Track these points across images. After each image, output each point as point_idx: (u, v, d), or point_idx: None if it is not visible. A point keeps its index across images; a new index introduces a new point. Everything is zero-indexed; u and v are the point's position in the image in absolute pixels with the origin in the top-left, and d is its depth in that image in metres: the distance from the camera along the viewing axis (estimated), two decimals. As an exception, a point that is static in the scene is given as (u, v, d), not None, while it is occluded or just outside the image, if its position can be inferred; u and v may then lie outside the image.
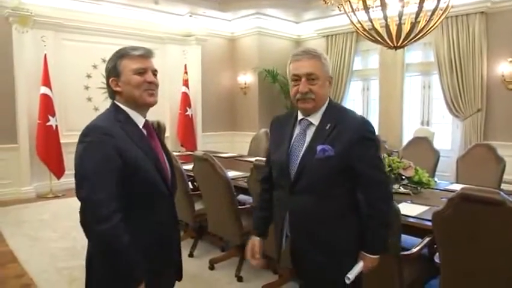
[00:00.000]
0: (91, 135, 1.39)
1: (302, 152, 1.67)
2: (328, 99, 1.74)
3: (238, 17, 8.21)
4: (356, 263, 1.66)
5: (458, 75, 6.29)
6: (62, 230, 4.64)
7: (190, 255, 3.81)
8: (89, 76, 6.91)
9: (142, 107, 1.54)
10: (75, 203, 5.10)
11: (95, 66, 6.83)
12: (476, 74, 6.12)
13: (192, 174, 3.85)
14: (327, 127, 1.65)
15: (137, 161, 1.42)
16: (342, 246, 1.67)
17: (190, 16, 7.82)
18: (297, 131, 1.74)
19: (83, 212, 1.38)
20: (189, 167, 3.97)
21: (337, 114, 1.69)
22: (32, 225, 4.85)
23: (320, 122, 1.69)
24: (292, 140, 1.73)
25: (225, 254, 3.76)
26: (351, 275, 1.59)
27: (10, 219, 5.07)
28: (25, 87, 6.10)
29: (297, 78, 1.67)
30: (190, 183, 4.06)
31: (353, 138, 1.60)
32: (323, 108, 1.71)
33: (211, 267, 3.54)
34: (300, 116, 1.75)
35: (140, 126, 1.53)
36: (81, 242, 4.16)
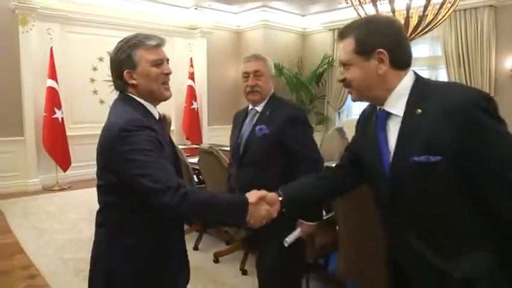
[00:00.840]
0: (136, 129, 1.30)
1: (248, 133, 2.11)
2: (271, 92, 2.15)
3: (244, 9, 8.17)
4: (295, 229, 1.94)
5: (466, 70, 6.24)
6: (68, 222, 4.68)
7: (195, 248, 3.82)
8: (95, 69, 6.92)
9: (158, 100, 1.49)
10: (81, 195, 5.12)
11: (101, 59, 6.83)
12: (484, 68, 6.07)
13: (197, 168, 3.85)
14: (267, 112, 2.07)
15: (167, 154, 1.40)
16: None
17: (196, 9, 7.80)
18: (247, 119, 2.17)
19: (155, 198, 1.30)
20: (194, 160, 3.97)
21: (276, 103, 2.11)
22: (38, 217, 4.89)
23: (262, 109, 2.11)
24: (244, 126, 2.17)
25: (230, 247, 3.77)
26: (289, 239, 1.85)
27: (17, 211, 5.11)
28: (31, 80, 6.12)
29: (247, 75, 2.10)
30: (195, 176, 4.06)
31: (285, 120, 2.00)
32: (267, 99, 2.12)
33: (216, 261, 3.55)
34: (250, 107, 2.18)
35: (157, 118, 1.49)
36: (87, 233, 4.19)
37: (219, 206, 1.35)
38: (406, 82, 1.23)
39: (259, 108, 2.11)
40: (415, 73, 1.26)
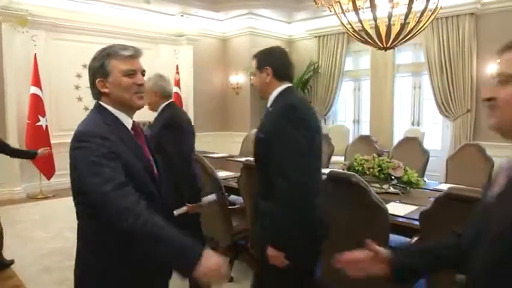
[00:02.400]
0: (86, 140, 1.35)
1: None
2: (165, 103, 2.72)
3: (230, 17, 8.21)
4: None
5: (448, 76, 6.36)
6: (52, 231, 4.61)
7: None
8: (79, 76, 6.86)
9: (131, 109, 1.51)
10: (65, 204, 5.02)
11: (85, 66, 6.73)
12: (466, 75, 6.20)
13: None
14: (157, 119, 2.72)
15: (129, 165, 1.40)
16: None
17: (182, 16, 7.80)
18: None
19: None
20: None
21: (163, 112, 2.71)
22: (22, 225, 4.81)
23: (156, 116, 2.74)
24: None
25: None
26: (176, 212, 2.46)
27: (1, 220, 5.01)
28: (15, 87, 6.05)
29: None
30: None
31: (162, 125, 2.62)
32: (159, 110, 2.73)
33: (202, 268, 3.53)
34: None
35: (129, 128, 1.51)
36: (72, 242, 4.11)
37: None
38: (278, 90, 1.99)
39: (155, 115, 2.78)
40: (289, 86, 2.01)
